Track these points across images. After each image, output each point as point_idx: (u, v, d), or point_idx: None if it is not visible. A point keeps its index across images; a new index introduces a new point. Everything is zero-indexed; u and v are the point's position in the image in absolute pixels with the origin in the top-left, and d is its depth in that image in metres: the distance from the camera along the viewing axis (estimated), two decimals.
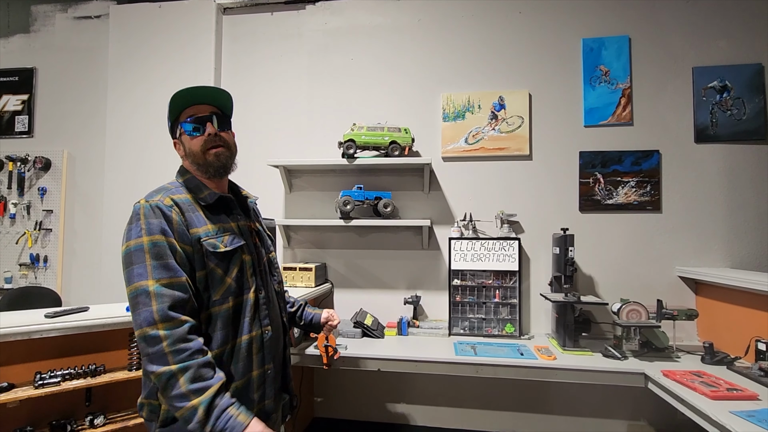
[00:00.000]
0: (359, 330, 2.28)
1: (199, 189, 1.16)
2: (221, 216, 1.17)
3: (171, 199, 1.08)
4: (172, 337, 0.95)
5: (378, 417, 2.66)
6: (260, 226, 1.34)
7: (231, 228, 1.16)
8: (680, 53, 2.42)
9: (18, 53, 3.12)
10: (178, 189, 1.14)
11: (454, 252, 2.44)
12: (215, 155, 1.15)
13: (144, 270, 0.98)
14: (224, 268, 1.10)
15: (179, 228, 1.05)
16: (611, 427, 2.41)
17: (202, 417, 0.94)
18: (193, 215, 1.10)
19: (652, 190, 2.40)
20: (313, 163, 2.56)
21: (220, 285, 1.09)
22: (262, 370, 1.15)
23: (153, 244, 1.00)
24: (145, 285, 0.97)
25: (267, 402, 1.17)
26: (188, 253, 1.05)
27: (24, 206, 2.99)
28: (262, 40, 2.83)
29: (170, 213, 1.05)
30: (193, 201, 1.12)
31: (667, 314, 2.02)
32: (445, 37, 2.64)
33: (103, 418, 1.79)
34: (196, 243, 1.06)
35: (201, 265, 1.07)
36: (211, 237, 1.09)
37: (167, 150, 2.71)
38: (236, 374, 1.09)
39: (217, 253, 1.08)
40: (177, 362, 0.94)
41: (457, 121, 2.58)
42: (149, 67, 2.83)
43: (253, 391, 1.12)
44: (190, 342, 0.98)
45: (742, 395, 1.52)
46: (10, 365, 1.68)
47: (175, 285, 1.00)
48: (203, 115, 1.16)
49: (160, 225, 1.03)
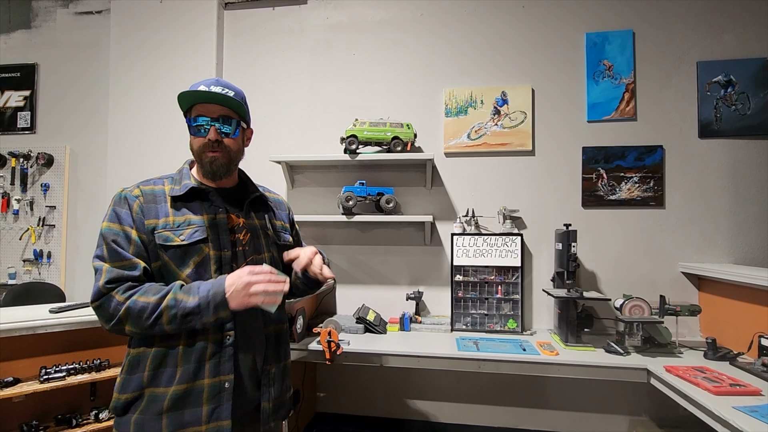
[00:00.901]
0: (362, 326, 2.29)
1: (180, 180, 1.16)
2: (194, 206, 1.13)
3: (140, 190, 1.12)
4: (121, 289, 1.02)
5: (380, 412, 2.67)
6: (267, 222, 1.28)
7: (199, 221, 1.11)
8: (685, 48, 2.40)
9: (20, 49, 3.12)
10: (159, 180, 1.18)
11: (456, 248, 2.44)
12: (210, 160, 1.14)
13: (101, 252, 1.06)
14: (178, 263, 1.08)
15: (138, 217, 1.08)
16: (613, 423, 2.42)
17: (183, 298, 1.01)
18: (156, 206, 1.10)
19: (656, 186, 2.39)
20: (315, 158, 2.56)
21: (173, 279, 1.07)
22: (215, 381, 1.05)
23: (109, 230, 1.07)
24: (100, 265, 1.05)
25: (222, 423, 1.04)
26: (144, 243, 1.08)
27: (27, 202, 3.00)
28: (263, 35, 2.82)
29: (133, 203, 1.09)
30: (167, 193, 1.14)
31: (669, 310, 2.02)
32: (447, 32, 2.62)
33: (107, 412, 1.80)
34: (149, 234, 1.07)
35: (155, 257, 1.08)
36: (167, 230, 1.08)
37: (170, 145, 2.76)
38: (181, 377, 1.03)
39: (169, 246, 1.07)
40: (133, 297, 1.01)
41: (459, 116, 2.57)
42: (151, 63, 2.82)
43: (199, 404, 1.03)
44: (136, 285, 1.03)
45: (745, 391, 1.52)
46: (15, 360, 1.69)
47: (125, 266, 1.04)
48: (209, 116, 1.12)
49: (120, 212, 1.08)
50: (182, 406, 1.03)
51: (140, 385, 1.04)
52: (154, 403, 1.02)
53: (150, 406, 1.03)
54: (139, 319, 0.99)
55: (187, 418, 1.03)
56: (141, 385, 1.04)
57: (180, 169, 1.21)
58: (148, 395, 1.03)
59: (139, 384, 1.04)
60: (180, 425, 1.02)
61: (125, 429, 1.03)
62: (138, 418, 1.02)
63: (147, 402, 1.03)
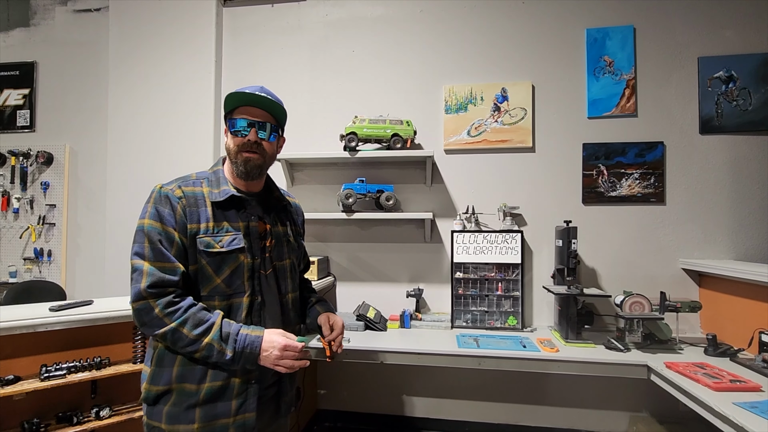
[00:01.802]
0: (362, 323, 2.29)
1: (218, 184, 1.18)
2: (230, 214, 1.17)
3: (182, 191, 1.12)
4: (162, 303, 1.03)
5: (381, 409, 2.67)
6: (289, 229, 1.34)
7: (236, 228, 1.15)
8: (686, 43, 2.39)
9: (18, 47, 3.12)
10: (197, 181, 1.18)
11: (456, 245, 2.44)
12: (245, 160, 1.17)
13: (141, 249, 1.06)
14: (215, 268, 1.11)
15: (181, 220, 1.10)
16: (613, 419, 2.42)
17: (219, 348, 1.04)
18: (198, 210, 1.12)
19: (656, 182, 2.38)
20: (314, 156, 2.56)
21: (208, 283, 1.11)
22: (244, 378, 1.12)
23: (152, 228, 1.07)
24: (140, 264, 1.05)
25: (248, 416, 1.12)
26: (185, 246, 1.10)
27: (27, 201, 3.01)
28: (262, 32, 2.81)
29: (176, 204, 1.10)
30: (206, 196, 1.15)
31: (670, 306, 2.01)
32: (447, 28, 2.61)
33: (108, 410, 1.80)
34: (191, 238, 1.10)
35: (194, 260, 1.11)
36: (209, 235, 1.11)
37: (170, 144, 2.76)
38: (214, 375, 1.09)
39: (209, 252, 1.10)
40: (174, 320, 1.03)
41: (459, 113, 2.56)
42: (150, 61, 2.81)
43: (230, 398, 1.10)
44: (179, 302, 1.05)
45: (746, 386, 1.51)
46: (15, 358, 1.69)
47: (167, 269, 1.06)
48: (254, 119, 1.17)
49: (163, 212, 1.09)
50: (215, 399, 1.10)
51: (170, 380, 1.09)
52: (186, 397, 1.08)
53: (182, 399, 1.08)
54: (173, 344, 1.05)
55: (219, 410, 1.09)
56: (170, 380, 1.09)
57: (215, 170, 1.24)
58: (178, 390, 1.09)
59: (168, 379, 1.09)
60: (212, 417, 1.09)
61: (157, 418, 1.09)
62: (170, 410, 1.08)
63: (177, 396, 1.09)
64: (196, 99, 2.75)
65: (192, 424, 1.07)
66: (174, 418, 1.07)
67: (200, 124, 2.74)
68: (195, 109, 2.75)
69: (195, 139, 2.74)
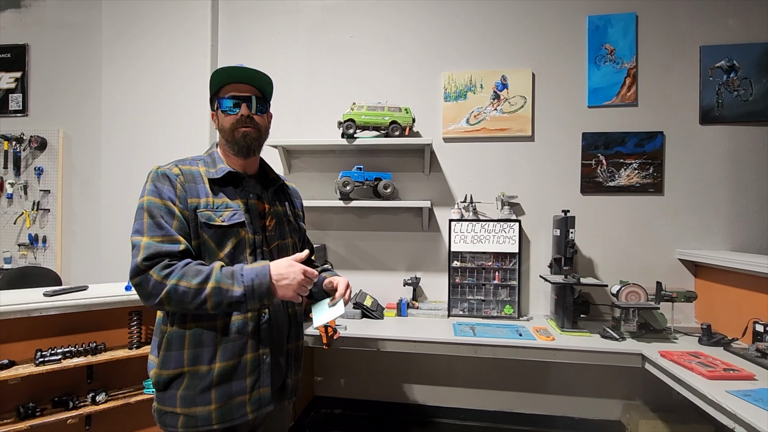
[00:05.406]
0: (359, 311, 2.29)
1: (214, 164, 1.19)
2: (228, 191, 1.17)
3: (179, 169, 1.13)
4: (158, 268, 1.01)
5: (377, 396, 2.69)
6: (288, 209, 1.34)
7: (236, 204, 1.16)
8: (688, 32, 2.36)
9: (10, 29, 3.04)
10: (193, 161, 1.19)
11: (454, 234, 2.43)
12: (243, 135, 1.17)
13: (140, 226, 1.06)
14: (217, 242, 1.11)
15: (181, 194, 1.10)
16: (607, 407, 2.45)
17: (227, 287, 1.02)
18: (196, 186, 1.13)
19: (655, 172, 2.37)
20: (312, 143, 2.53)
21: (212, 258, 1.11)
22: (256, 355, 1.13)
23: (151, 203, 1.07)
24: (139, 240, 1.04)
25: (263, 390, 1.13)
26: (187, 219, 1.09)
27: (21, 186, 2.97)
28: (258, 15, 2.76)
29: (175, 180, 1.10)
30: (203, 174, 1.16)
31: (666, 296, 2.03)
32: (447, 14, 2.56)
33: (104, 395, 1.81)
34: (192, 212, 1.10)
35: (195, 235, 1.10)
36: (209, 209, 1.11)
37: (165, 128, 2.72)
38: (225, 354, 1.09)
39: (211, 225, 1.10)
40: (173, 277, 1.01)
41: (458, 100, 2.53)
42: (144, 44, 2.76)
43: (244, 376, 1.11)
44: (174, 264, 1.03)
45: (739, 375, 1.53)
46: (10, 343, 1.69)
47: (165, 241, 1.04)
48: (242, 94, 1.17)
49: (162, 188, 1.09)
50: (230, 378, 1.09)
51: (181, 362, 1.08)
52: (199, 380, 1.07)
53: (195, 382, 1.07)
54: (181, 303, 1.02)
55: (234, 389, 1.09)
56: (182, 362, 1.08)
57: (210, 152, 1.24)
58: (191, 373, 1.08)
59: (179, 362, 1.08)
60: (228, 396, 1.09)
61: (171, 403, 1.08)
62: (184, 394, 1.07)
63: (190, 379, 1.07)
64: (192, 82, 2.71)
65: (209, 406, 1.07)
66: (189, 401, 1.07)
67: (196, 108, 2.69)
68: (191, 92, 2.71)
69: (191, 123, 2.70)
